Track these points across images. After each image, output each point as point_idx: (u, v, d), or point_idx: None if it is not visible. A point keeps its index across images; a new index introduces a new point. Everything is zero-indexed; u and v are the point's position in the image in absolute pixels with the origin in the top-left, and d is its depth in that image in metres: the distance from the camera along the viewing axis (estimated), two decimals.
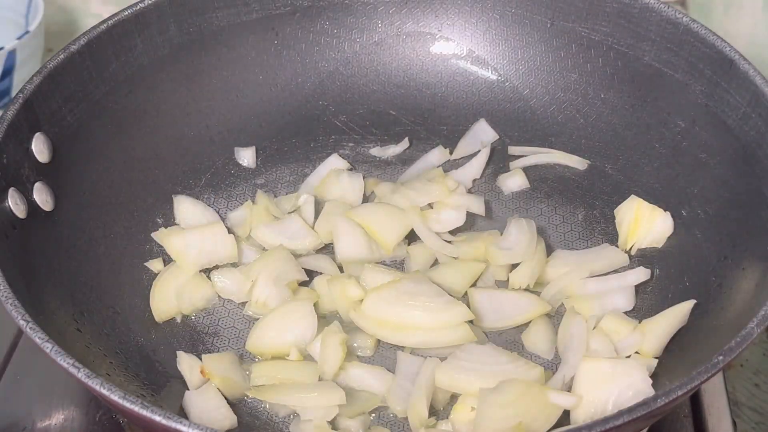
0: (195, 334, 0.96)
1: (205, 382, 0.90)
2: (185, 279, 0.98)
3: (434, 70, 1.16)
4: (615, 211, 1.03)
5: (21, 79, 1.22)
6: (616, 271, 0.99)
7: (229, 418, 0.87)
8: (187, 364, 0.91)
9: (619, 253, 1.00)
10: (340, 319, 0.96)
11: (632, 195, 1.02)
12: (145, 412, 0.70)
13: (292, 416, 0.89)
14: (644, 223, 1.00)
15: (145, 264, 1.00)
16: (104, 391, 0.72)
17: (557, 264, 0.99)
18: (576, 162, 1.09)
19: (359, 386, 0.91)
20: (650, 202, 1.01)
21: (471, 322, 0.91)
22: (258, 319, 0.95)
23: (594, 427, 0.69)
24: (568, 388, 0.87)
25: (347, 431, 0.87)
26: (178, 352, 0.93)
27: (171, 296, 0.97)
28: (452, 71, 1.16)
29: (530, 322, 0.95)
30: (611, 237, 1.03)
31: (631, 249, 1.01)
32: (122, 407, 0.71)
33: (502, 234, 1.01)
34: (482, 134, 1.13)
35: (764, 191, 0.89)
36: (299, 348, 0.93)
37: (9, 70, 1.21)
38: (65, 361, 0.74)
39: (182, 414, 0.87)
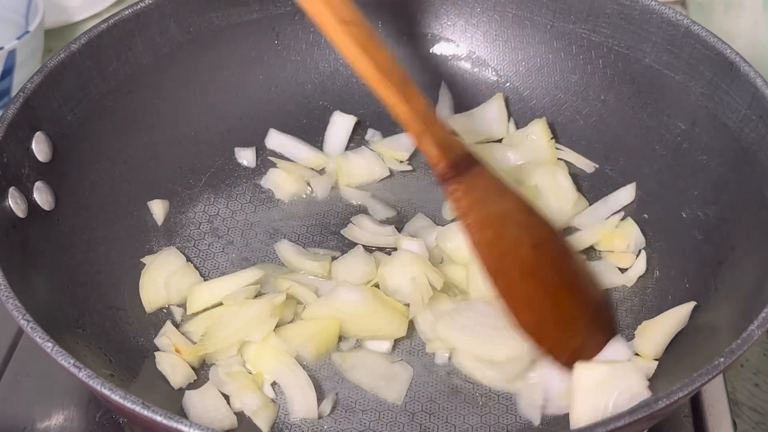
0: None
1: (189, 380, 0.90)
2: (173, 269, 0.98)
3: (434, 70, 1.16)
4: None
5: (21, 79, 1.22)
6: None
7: (229, 418, 0.87)
8: (166, 362, 0.91)
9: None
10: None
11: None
12: (145, 412, 0.70)
13: (284, 414, 0.89)
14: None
15: (141, 260, 1.00)
16: (105, 391, 0.72)
17: None
18: (584, 164, 1.09)
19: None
20: (650, 204, 1.02)
21: None
22: None
23: (595, 428, 0.69)
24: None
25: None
26: (155, 353, 0.92)
27: (160, 286, 0.97)
28: (452, 72, 1.16)
29: None
30: None
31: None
32: (123, 407, 0.71)
33: None
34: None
35: (764, 193, 0.89)
36: None
37: (9, 70, 1.21)
38: (66, 361, 0.74)
39: (182, 414, 0.87)
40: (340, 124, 1.13)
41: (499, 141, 1.12)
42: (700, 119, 0.99)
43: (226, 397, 0.89)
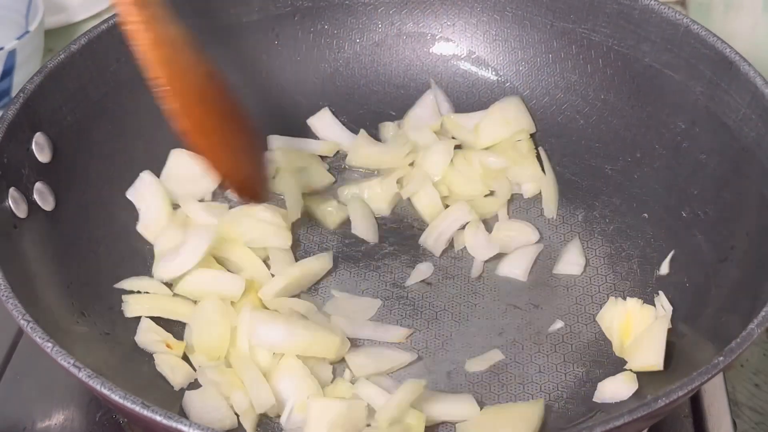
0: None
1: (189, 379, 0.90)
2: None
3: (434, 70, 1.16)
4: (597, 318, 0.96)
5: (21, 79, 1.22)
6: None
7: (229, 418, 0.87)
8: (166, 362, 0.91)
9: None
10: None
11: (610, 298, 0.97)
12: (145, 412, 0.70)
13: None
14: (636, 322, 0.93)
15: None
16: (105, 391, 0.72)
17: None
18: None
19: None
20: (650, 203, 1.02)
21: None
22: None
23: (595, 428, 0.69)
24: None
25: None
26: (154, 355, 0.92)
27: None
28: (452, 72, 1.16)
29: None
30: (610, 237, 1.04)
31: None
32: (123, 407, 0.71)
33: None
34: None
35: (764, 192, 0.90)
36: None
37: (9, 70, 1.21)
38: (66, 361, 0.74)
39: (182, 414, 0.87)
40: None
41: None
42: (699, 118, 0.99)
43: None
